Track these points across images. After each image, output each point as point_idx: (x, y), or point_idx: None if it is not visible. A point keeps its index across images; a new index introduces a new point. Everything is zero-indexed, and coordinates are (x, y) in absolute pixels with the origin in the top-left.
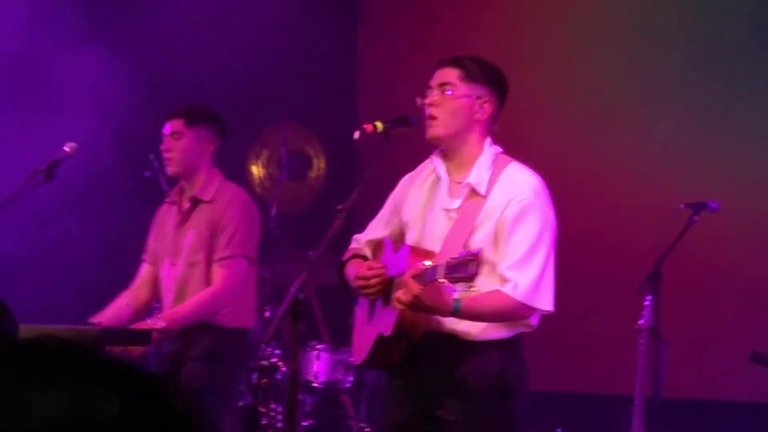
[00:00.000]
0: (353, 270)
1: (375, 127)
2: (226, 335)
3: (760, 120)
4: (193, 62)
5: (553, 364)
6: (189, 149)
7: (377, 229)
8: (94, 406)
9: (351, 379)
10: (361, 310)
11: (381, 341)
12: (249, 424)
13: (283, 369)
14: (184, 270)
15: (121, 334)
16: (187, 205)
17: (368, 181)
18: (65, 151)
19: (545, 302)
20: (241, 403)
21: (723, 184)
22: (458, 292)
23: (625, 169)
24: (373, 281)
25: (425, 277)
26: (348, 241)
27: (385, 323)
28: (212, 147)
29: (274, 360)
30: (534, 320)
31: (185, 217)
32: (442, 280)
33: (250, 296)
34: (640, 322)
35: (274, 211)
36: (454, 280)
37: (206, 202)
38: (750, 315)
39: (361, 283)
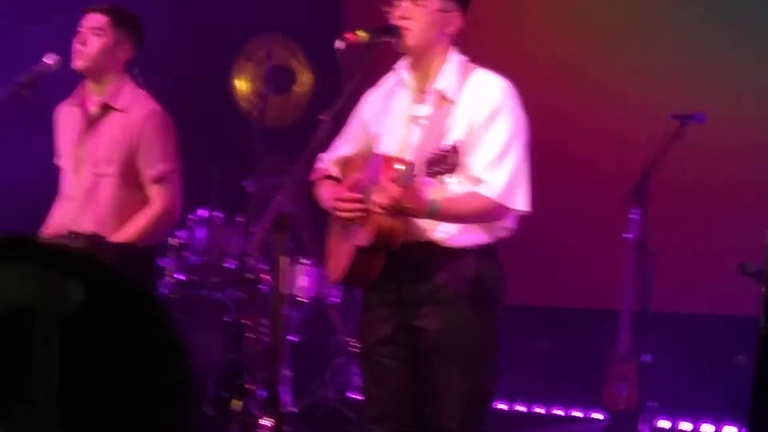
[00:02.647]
0: (327, 192)
1: (358, 36)
2: (133, 254)
3: (747, 31)
4: None
5: (540, 278)
6: (107, 49)
7: (343, 146)
8: (58, 292)
9: (338, 293)
10: (334, 228)
11: (359, 253)
12: (234, 338)
13: (269, 282)
14: (91, 179)
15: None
16: (94, 110)
17: (351, 92)
18: (47, 63)
19: (520, 202)
20: (226, 318)
21: (711, 95)
22: (434, 192)
23: (614, 82)
24: (349, 206)
25: (403, 178)
26: None
27: (362, 235)
28: (128, 55)
29: (259, 274)
30: (511, 222)
31: (92, 123)
32: (419, 178)
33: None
34: (627, 235)
35: (259, 125)
36: (434, 174)
37: (118, 110)
38: (738, 227)
39: (336, 204)
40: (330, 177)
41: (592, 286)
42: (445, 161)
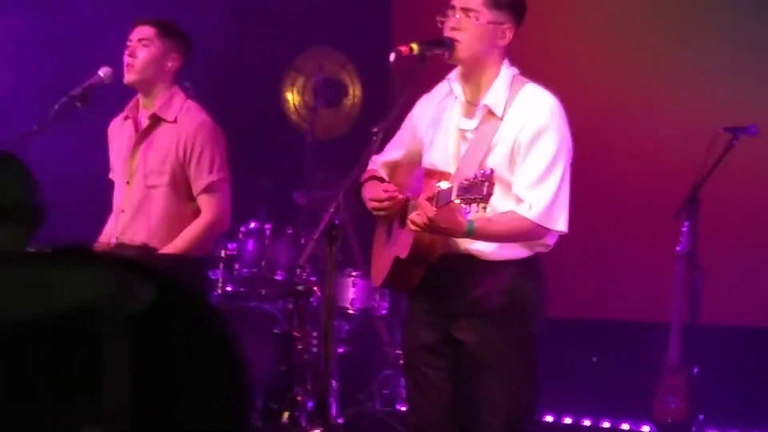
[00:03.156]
0: (369, 191)
1: (411, 49)
2: (184, 266)
3: None
4: None
5: (590, 291)
6: (155, 60)
7: (393, 150)
8: (130, 290)
9: (386, 305)
10: (379, 233)
11: (398, 263)
12: (284, 350)
13: (319, 294)
14: (142, 191)
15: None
16: (145, 122)
17: (402, 104)
18: (99, 75)
19: (559, 223)
20: (276, 330)
21: (763, 108)
22: (472, 213)
23: (666, 93)
24: (386, 204)
25: (440, 199)
26: None
27: (401, 245)
28: (177, 65)
29: (309, 285)
30: (551, 240)
31: (143, 135)
32: (456, 202)
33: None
34: (678, 248)
35: (309, 138)
36: (468, 201)
37: (169, 122)
38: None
39: (374, 204)
40: (378, 178)
41: (642, 299)
42: (479, 189)
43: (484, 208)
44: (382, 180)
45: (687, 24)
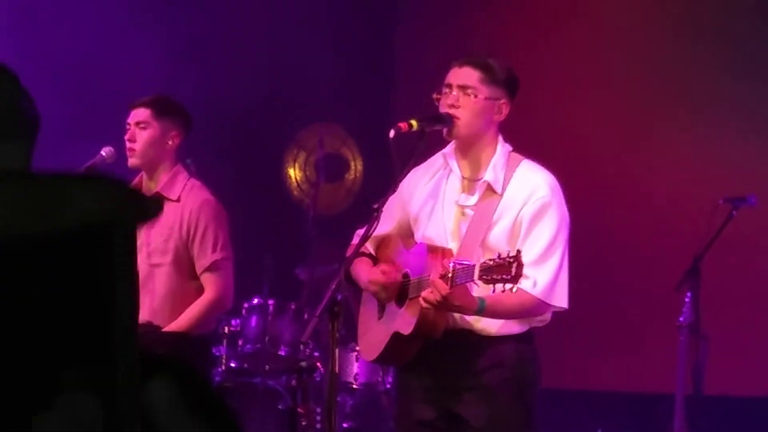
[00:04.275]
0: (363, 272)
1: (410, 125)
2: (187, 343)
3: None
4: (229, 63)
5: (593, 363)
6: (154, 141)
7: (383, 224)
8: (140, 201)
9: (390, 380)
10: (368, 308)
11: (397, 340)
12: (288, 426)
13: (322, 370)
14: (146, 270)
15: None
16: None
17: (402, 181)
18: (102, 155)
19: (561, 299)
20: (280, 406)
21: (762, 179)
22: (479, 291)
23: (664, 165)
24: (385, 290)
25: (457, 278)
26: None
27: (402, 322)
28: (177, 141)
29: (312, 361)
30: (548, 315)
31: None
32: (477, 282)
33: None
34: (681, 319)
35: (311, 213)
36: (492, 282)
37: (172, 200)
38: None
39: (374, 288)
40: (366, 254)
41: (647, 370)
42: (506, 270)
43: (512, 288)
44: (370, 256)
45: (686, 93)
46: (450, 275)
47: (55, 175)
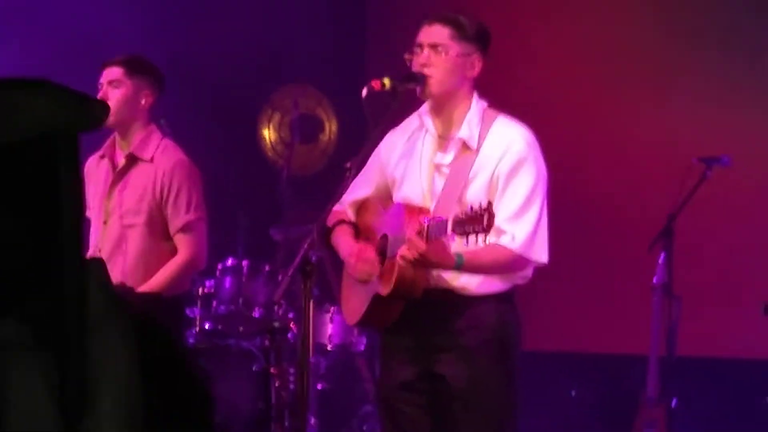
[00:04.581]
0: (343, 242)
1: (383, 84)
2: (160, 304)
3: None
4: (203, 24)
5: (566, 324)
6: (127, 100)
7: (361, 188)
8: (82, 110)
9: (365, 341)
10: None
11: (377, 301)
12: (262, 386)
13: (295, 330)
14: (118, 231)
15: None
16: (122, 161)
17: (376, 139)
18: None
19: (541, 253)
20: (255, 367)
21: (736, 139)
22: (457, 246)
23: (639, 124)
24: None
25: (431, 233)
26: None
27: (381, 283)
28: (150, 100)
29: (285, 322)
30: (529, 271)
31: (120, 174)
32: (450, 235)
33: None
34: (654, 279)
35: (285, 174)
36: (465, 234)
37: (145, 161)
38: (764, 269)
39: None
40: (347, 222)
41: (620, 332)
42: (478, 222)
43: (484, 240)
44: (351, 224)
45: (660, 54)
46: (425, 231)
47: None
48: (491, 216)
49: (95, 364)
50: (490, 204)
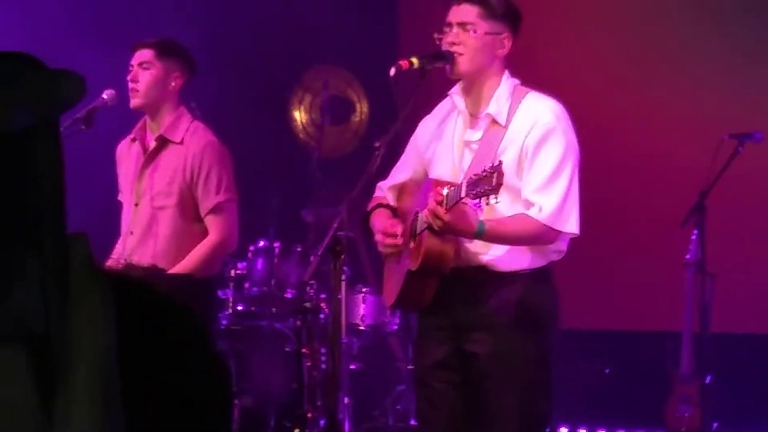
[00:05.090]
0: (378, 222)
1: (411, 63)
2: (191, 286)
3: None
4: (233, 5)
5: (599, 302)
6: (157, 82)
7: (399, 173)
8: (54, 91)
9: (397, 321)
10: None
11: (410, 277)
12: (295, 367)
13: (327, 311)
14: (149, 213)
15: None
16: (152, 144)
17: (405, 119)
18: (103, 98)
19: (570, 225)
20: (287, 348)
21: (766, 113)
22: (482, 214)
23: (670, 101)
24: (391, 242)
25: (449, 200)
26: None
27: (412, 259)
28: (180, 82)
29: (317, 302)
30: (563, 245)
31: (151, 156)
32: (464, 199)
33: None
34: (687, 256)
35: (316, 155)
36: (477, 195)
37: (176, 143)
38: None
39: (383, 240)
40: (385, 206)
41: (654, 308)
42: (488, 181)
43: (496, 199)
44: (389, 207)
45: (693, 31)
46: (445, 199)
47: None
48: (500, 174)
49: (73, 343)
50: (500, 163)
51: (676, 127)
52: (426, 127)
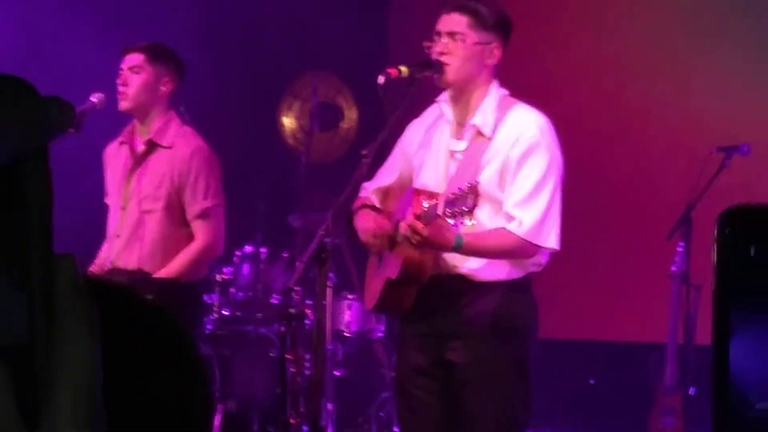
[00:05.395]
0: (362, 222)
1: (399, 71)
2: (177, 290)
3: None
4: (223, 11)
5: (584, 312)
6: (147, 86)
7: (385, 176)
8: (50, 118)
9: (383, 328)
10: (372, 259)
11: (389, 285)
12: (279, 372)
13: (312, 317)
14: (136, 216)
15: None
16: (141, 147)
17: (392, 126)
18: (92, 102)
19: (550, 240)
20: (272, 354)
21: (756, 128)
22: (461, 228)
23: (658, 114)
24: (377, 240)
25: (428, 216)
26: None
27: (392, 267)
28: (170, 87)
29: (301, 308)
30: (543, 258)
31: (139, 160)
32: (442, 215)
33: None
34: (673, 268)
35: (304, 161)
36: (453, 215)
37: (165, 147)
38: None
39: (365, 237)
40: (369, 206)
41: (639, 320)
42: (464, 201)
43: (471, 221)
44: (374, 208)
45: (680, 44)
46: (424, 214)
47: None
48: (476, 196)
49: (57, 358)
50: (477, 183)
51: (664, 140)
52: (414, 131)
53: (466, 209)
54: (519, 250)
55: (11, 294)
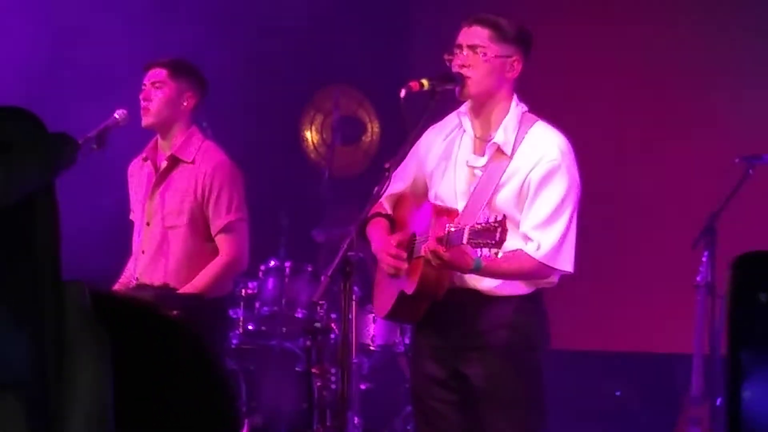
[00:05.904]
0: (375, 234)
1: (421, 84)
2: (203, 305)
3: None
4: (245, 25)
5: (610, 324)
6: (170, 101)
7: (397, 182)
8: (57, 151)
9: (407, 341)
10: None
11: (403, 299)
12: (305, 387)
13: (337, 331)
14: (160, 232)
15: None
16: (164, 163)
17: (414, 139)
18: (115, 118)
19: (566, 263)
20: (298, 368)
21: None
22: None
23: (681, 124)
24: (393, 262)
25: (450, 241)
26: None
27: (407, 281)
28: (193, 102)
29: (327, 322)
30: (555, 277)
31: (162, 176)
32: (465, 245)
33: None
34: (698, 278)
35: (326, 175)
36: (479, 245)
37: (187, 162)
38: None
39: (383, 258)
40: (383, 215)
41: (664, 331)
42: (491, 235)
43: (496, 253)
44: (387, 216)
45: (701, 53)
46: (446, 238)
47: None
48: (504, 231)
49: (68, 388)
50: (504, 218)
51: (687, 150)
52: (430, 139)
53: (492, 242)
54: (536, 272)
55: (14, 331)
